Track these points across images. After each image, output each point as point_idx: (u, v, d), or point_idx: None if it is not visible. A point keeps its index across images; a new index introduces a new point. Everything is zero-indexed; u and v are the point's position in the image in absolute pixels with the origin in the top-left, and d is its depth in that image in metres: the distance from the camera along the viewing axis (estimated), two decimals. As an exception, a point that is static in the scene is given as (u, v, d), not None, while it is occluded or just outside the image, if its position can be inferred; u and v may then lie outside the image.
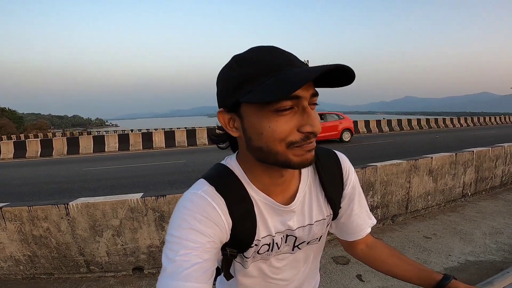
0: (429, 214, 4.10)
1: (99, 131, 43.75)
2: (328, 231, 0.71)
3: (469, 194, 4.66)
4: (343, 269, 2.68)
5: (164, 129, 17.75)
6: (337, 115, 12.89)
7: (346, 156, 0.69)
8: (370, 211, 0.73)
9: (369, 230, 0.72)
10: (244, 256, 0.59)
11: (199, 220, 0.50)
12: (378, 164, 3.65)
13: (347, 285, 2.46)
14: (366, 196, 3.47)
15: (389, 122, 18.94)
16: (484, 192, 4.93)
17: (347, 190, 0.67)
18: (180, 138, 13.62)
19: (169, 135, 13.58)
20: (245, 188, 0.56)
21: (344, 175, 0.66)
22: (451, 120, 22.38)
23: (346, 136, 12.61)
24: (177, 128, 16.25)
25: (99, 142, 13.55)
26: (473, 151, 4.71)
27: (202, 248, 0.48)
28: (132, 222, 2.56)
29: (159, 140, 13.30)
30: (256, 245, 0.58)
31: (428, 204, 4.13)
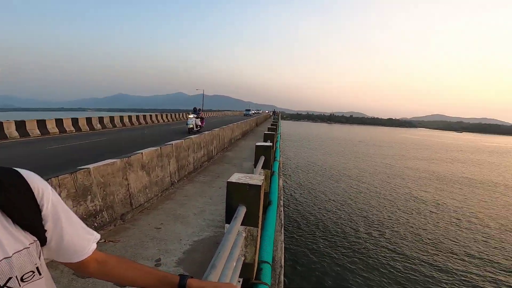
0: (151, 206, 4.45)
1: None
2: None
3: (176, 181, 5.66)
4: (93, 280, 2.48)
5: None
6: None
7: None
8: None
9: (94, 246, 0.69)
10: None
11: None
12: (91, 166, 3.39)
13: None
14: (84, 201, 3.17)
15: (101, 119, 18.31)
16: (185, 178, 6.20)
17: (46, 211, 0.61)
18: None
19: None
20: None
21: (37, 195, 0.60)
22: (156, 116, 25.93)
23: None
24: None
25: None
26: (172, 144, 5.69)
27: None
28: None
29: None
30: None
31: (148, 197, 4.49)
